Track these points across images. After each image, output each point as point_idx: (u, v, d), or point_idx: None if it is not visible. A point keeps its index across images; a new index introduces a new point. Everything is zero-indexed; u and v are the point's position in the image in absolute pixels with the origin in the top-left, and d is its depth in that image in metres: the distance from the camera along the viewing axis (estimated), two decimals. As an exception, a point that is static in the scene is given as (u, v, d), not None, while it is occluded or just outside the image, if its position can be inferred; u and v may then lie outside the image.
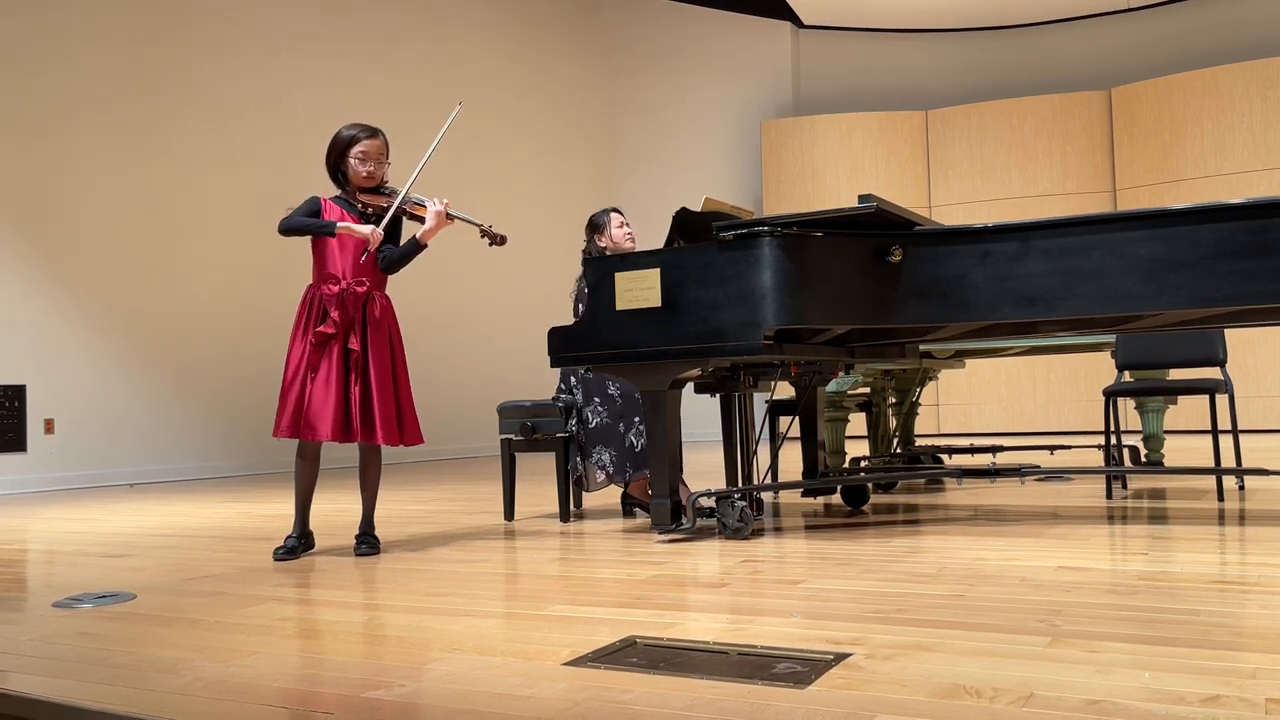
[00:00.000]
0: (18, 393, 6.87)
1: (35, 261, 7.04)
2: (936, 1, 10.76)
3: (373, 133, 3.55)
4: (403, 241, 3.61)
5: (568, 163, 11.76)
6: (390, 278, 3.61)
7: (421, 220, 3.53)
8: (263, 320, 7.86)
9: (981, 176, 10.69)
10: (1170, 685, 1.63)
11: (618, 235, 4.40)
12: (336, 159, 3.56)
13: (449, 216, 3.54)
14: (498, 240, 3.58)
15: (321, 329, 3.42)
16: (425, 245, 3.56)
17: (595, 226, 4.45)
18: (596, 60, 12.38)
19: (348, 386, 3.43)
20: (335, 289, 3.46)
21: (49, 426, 7.01)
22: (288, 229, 3.49)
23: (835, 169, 10.98)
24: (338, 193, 3.61)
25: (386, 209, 3.52)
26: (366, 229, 3.44)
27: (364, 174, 3.53)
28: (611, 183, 12.25)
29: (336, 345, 3.42)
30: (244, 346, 7.96)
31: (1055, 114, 10.44)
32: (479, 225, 3.56)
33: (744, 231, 3.36)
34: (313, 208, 3.54)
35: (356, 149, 3.53)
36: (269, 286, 7.86)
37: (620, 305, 3.55)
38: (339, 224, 3.45)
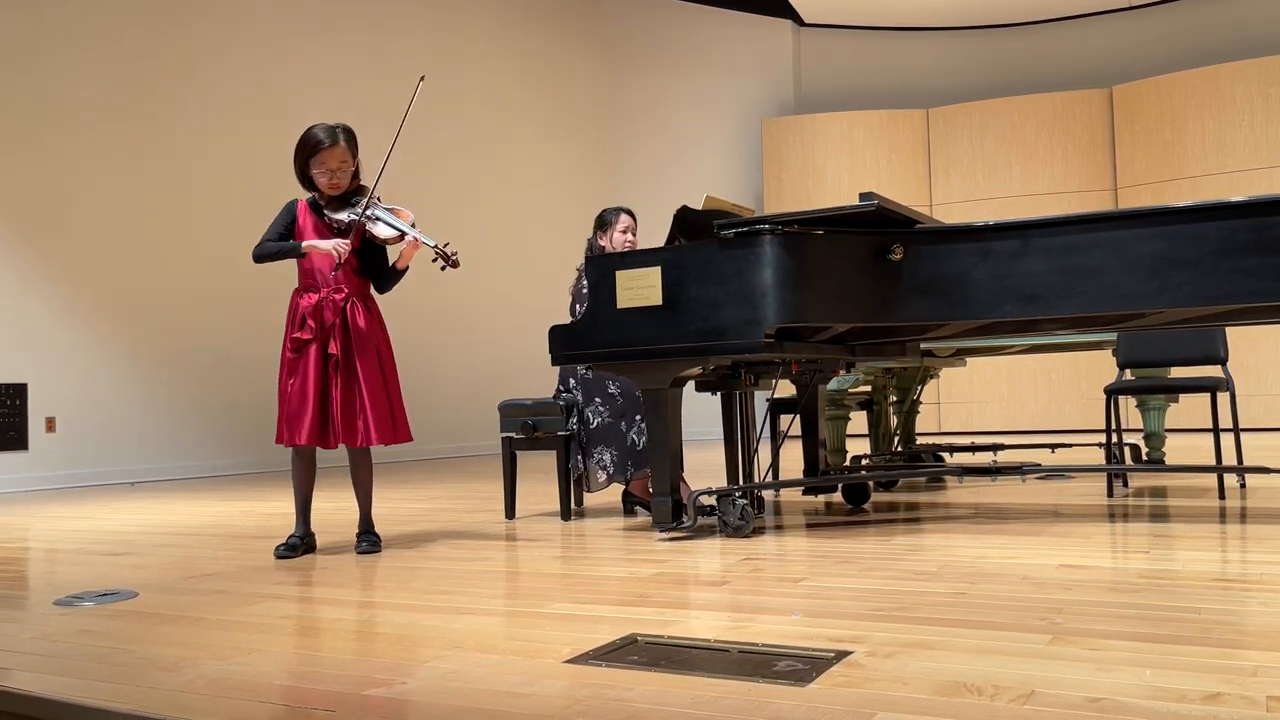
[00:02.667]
0: (19, 391, 6.87)
1: (36, 260, 7.04)
2: (937, 0, 10.76)
3: (333, 140, 3.45)
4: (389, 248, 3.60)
5: (568, 160, 11.76)
6: (387, 292, 3.63)
7: (382, 241, 3.48)
8: (264, 319, 7.86)
9: (983, 174, 10.69)
10: (1171, 683, 1.63)
11: (617, 240, 4.38)
12: (302, 165, 3.51)
13: (419, 243, 3.46)
14: (451, 262, 3.42)
15: (298, 335, 3.42)
16: (406, 268, 3.55)
17: (601, 222, 4.45)
18: (597, 58, 12.37)
19: (326, 390, 3.42)
20: (314, 298, 3.46)
21: (50, 425, 7.02)
22: (259, 258, 3.49)
23: (836, 167, 10.98)
24: (313, 195, 3.58)
25: (348, 225, 3.46)
26: (329, 244, 3.41)
27: (326, 184, 3.49)
28: (612, 180, 12.24)
29: (315, 349, 3.42)
30: (246, 345, 7.96)
31: (1056, 112, 10.43)
32: (434, 246, 3.42)
33: (745, 230, 3.36)
34: (287, 220, 3.53)
35: (315, 160, 3.46)
36: (271, 285, 7.86)
37: (621, 304, 3.55)
38: (305, 244, 3.44)
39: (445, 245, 3.45)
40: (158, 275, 7.67)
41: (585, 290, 3.84)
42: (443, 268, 3.49)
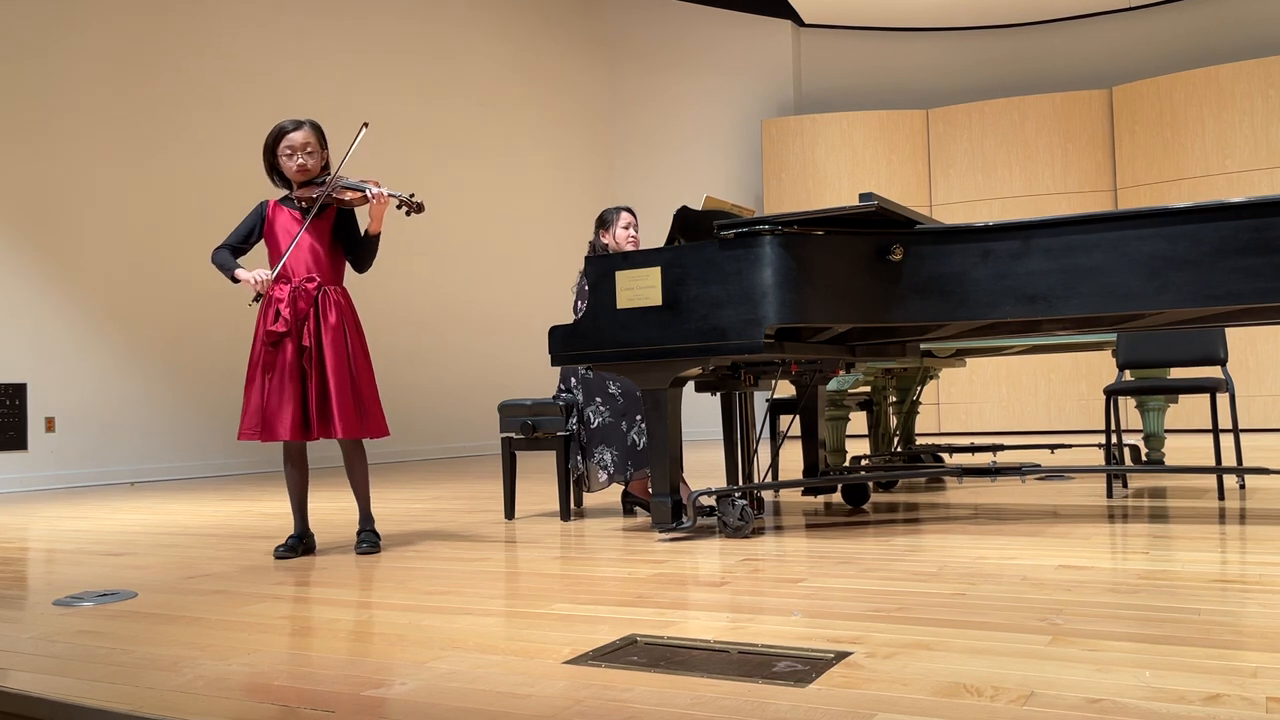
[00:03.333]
0: (18, 391, 6.87)
1: (36, 259, 7.04)
2: (937, 0, 10.75)
3: (297, 125, 3.52)
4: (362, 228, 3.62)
5: (569, 160, 11.76)
6: (367, 269, 3.65)
7: (349, 203, 3.52)
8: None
9: (983, 175, 10.69)
10: (1171, 684, 1.63)
11: (620, 236, 4.40)
12: (270, 159, 3.54)
13: (385, 197, 3.50)
14: (415, 207, 3.52)
15: (272, 328, 3.42)
16: (378, 233, 3.57)
17: (603, 222, 4.46)
18: (598, 58, 12.37)
19: (304, 384, 3.42)
20: (286, 288, 3.45)
21: (50, 425, 7.01)
22: (212, 263, 3.56)
23: (836, 167, 10.98)
24: (285, 193, 3.59)
25: (315, 200, 3.50)
26: (249, 275, 3.42)
27: (294, 168, 3.51)
28: (612, 181, 12.25)
29: (290, 343, 3.42)
30: (246, 344, 7.95)
31: (1057, 112, 10.44)
32: (399, 197, 3.51)
33: (745, 230, 3.36)
34: (254, 221, 3.57)
35: (283, 145, 3.50)
36: (270, 285, 7.86)
37: (621, 304, 3.55)
38: (237, 272, 3.48)
39: (411, 195, 3.52)
40: (157, 275, 7.67)
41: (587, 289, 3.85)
42: (408, 213, 3.54)
